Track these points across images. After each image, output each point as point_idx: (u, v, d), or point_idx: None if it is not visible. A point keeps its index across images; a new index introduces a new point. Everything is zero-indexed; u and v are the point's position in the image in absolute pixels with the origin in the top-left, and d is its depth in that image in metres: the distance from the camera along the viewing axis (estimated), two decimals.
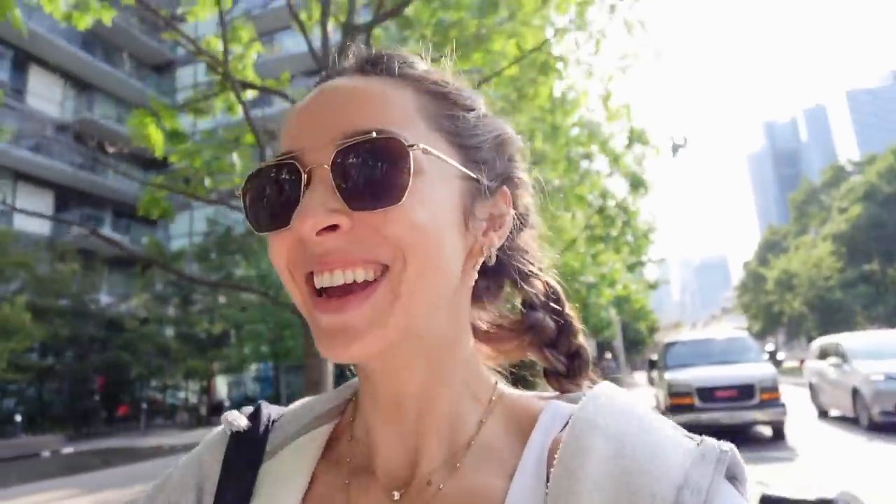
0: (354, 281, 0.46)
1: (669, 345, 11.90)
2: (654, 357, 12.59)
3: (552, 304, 0.62)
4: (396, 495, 0.52)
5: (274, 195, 0.49)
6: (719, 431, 6.44)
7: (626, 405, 0.50)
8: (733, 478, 0.47)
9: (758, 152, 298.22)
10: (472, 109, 0.54)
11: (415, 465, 0.53)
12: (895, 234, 35.60)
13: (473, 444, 0.53)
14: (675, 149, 6.17)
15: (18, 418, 18.49)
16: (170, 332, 22.98)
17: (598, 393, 0.51)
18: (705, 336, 12.50)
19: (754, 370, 9.59)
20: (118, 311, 22.86)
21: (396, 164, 0.46)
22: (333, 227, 0.46)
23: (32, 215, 4.69)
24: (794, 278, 38.85)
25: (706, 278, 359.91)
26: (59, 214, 23.07)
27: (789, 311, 40.13)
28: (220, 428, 0.62)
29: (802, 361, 37.05)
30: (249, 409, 0.63)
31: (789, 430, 9.72)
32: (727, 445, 0.47)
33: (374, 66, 0.52)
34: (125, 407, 24.43)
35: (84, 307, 20.98)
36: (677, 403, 9.29)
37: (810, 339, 42.95)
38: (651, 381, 13.54)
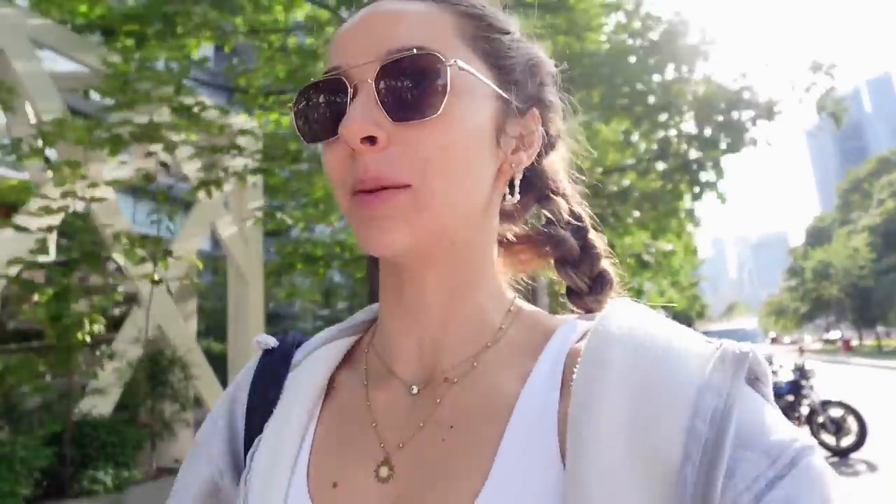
0: (388, 187, 0.49)
1: (703, 333, 17.93)
2: None
3: (576, 226, 0.64)
4: (415, 389, 0.55)
5: (323, 108, 0.52)
6: None
7: (643, 316, 0.50)
8: (755, 378, 0.47)
9: (818, 125, 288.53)
10: (507, 32, 0.56)
11: (434, 366, 0.56)
12: None
13: (492, 347, 0.55)
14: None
15: None
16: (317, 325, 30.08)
17: (615, 306, 0.52)
18: (725, 327, 18.40)
19: (755, 350, 15.43)
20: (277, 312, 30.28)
21: (435, 79, 0.49)
22: (373, 140, 0.49)
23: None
24: (831, 267, 43.00)
25: (764, 256, 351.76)
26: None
27: (828, 297, 44.35)
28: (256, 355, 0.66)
29: (847, 341, 41.42)
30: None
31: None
32: (747, 347, 0.46)
33: None
34: None
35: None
36: None
37: (854, 323, 46.92)
38: None
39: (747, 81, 5.80)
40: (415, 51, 0.49)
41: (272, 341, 0.66)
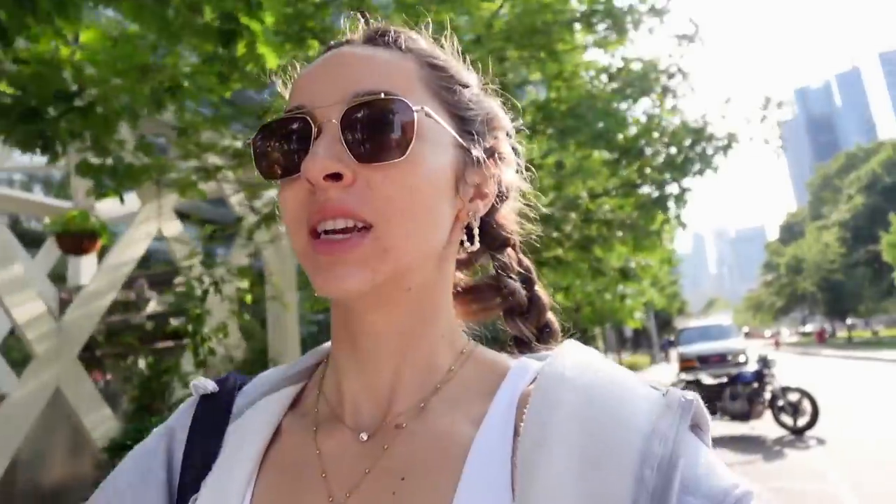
0: (352, 227, 0.48)
1: (682, 329, 19.03)
2: (673, 338, 19.72)
3: (524, 277, 0.66)
4: (364, 436, 0.53)
5: (285, 146, 0.51)
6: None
7: (591, 360, 0.51)
8: (696, 426, 0.48)
9: (791, 120, 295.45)
10: (468, 86, 0.58)
11: (385, 411, 0.54)
12: None
13: (442, 389, 0.55)
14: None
15: None
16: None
17: (564, 349, 0.53)
18: (704, 324, 19.65)
19: (731, 344, 16.60)
20: None
21: (401, 123, 0.49)
22: (337, 177, 0.48)
23: None
24: (803, 263, 44.80)
25: (743, 250, 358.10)
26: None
27: (800, 290, 46.15)
28: (191, 398, 0.63)
29: (821, 333, 43.03)
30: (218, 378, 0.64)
31: None
32: (691, 395, 0.47)
33: (380, 37, 0.56)
34: None
35: None
36: (685, 366, 16.35)
37: (826, 315, 48.87)
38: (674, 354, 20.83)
39: (709, 118, 7.00)
40: (382, 94, 0.50)
41: (210, 385, 0.63)
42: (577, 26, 6.88)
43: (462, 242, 0.59)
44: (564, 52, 6.80)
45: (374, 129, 0.49)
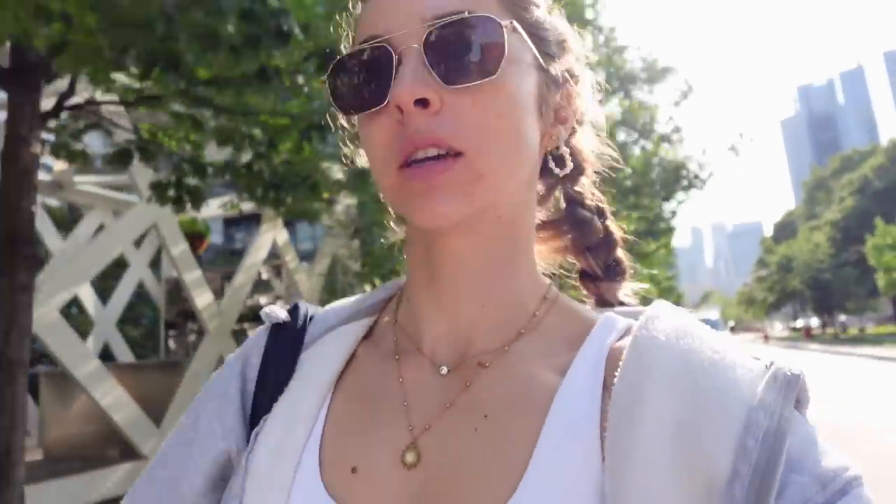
0: (444, 154, 0.46)
1: None
2: None
3: (599, 209, 0.64)
4: (444, 370, 0.53)
5: (365, 79, 0.49)
6: None
7: (689, 324, 0.48)
8: (797, 402, 0.45)
9: (792, 117, 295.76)
10: (539, 6, 0.55)
11: (465, 348, 0.53)
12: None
13: (526, 335, 0.53)
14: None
15: None
16: None
17: (659, 310, 0.50)
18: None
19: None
20: None
21: (490, 40, 0.47)
22: (425, 103, 0.46)
23: None
24: (793, 261, 46.67)
25: (740, 245, 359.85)
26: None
27: (790, 288, 48.03)
28: (263, 326, 0.64)
29: (808, 330, 44.80)
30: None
31: None
32: (798, 369, 0.45)
33: None
34: None
35: None
36: None
37: (815, 312, 50.66)
38: None
39: (693, 161, 9.09)
40: (466, 13, 0.47)
41: (282, 314, 0.62)
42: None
43: (551, 170, 0.59)
44: None
45: (461, 49, 0.47)
